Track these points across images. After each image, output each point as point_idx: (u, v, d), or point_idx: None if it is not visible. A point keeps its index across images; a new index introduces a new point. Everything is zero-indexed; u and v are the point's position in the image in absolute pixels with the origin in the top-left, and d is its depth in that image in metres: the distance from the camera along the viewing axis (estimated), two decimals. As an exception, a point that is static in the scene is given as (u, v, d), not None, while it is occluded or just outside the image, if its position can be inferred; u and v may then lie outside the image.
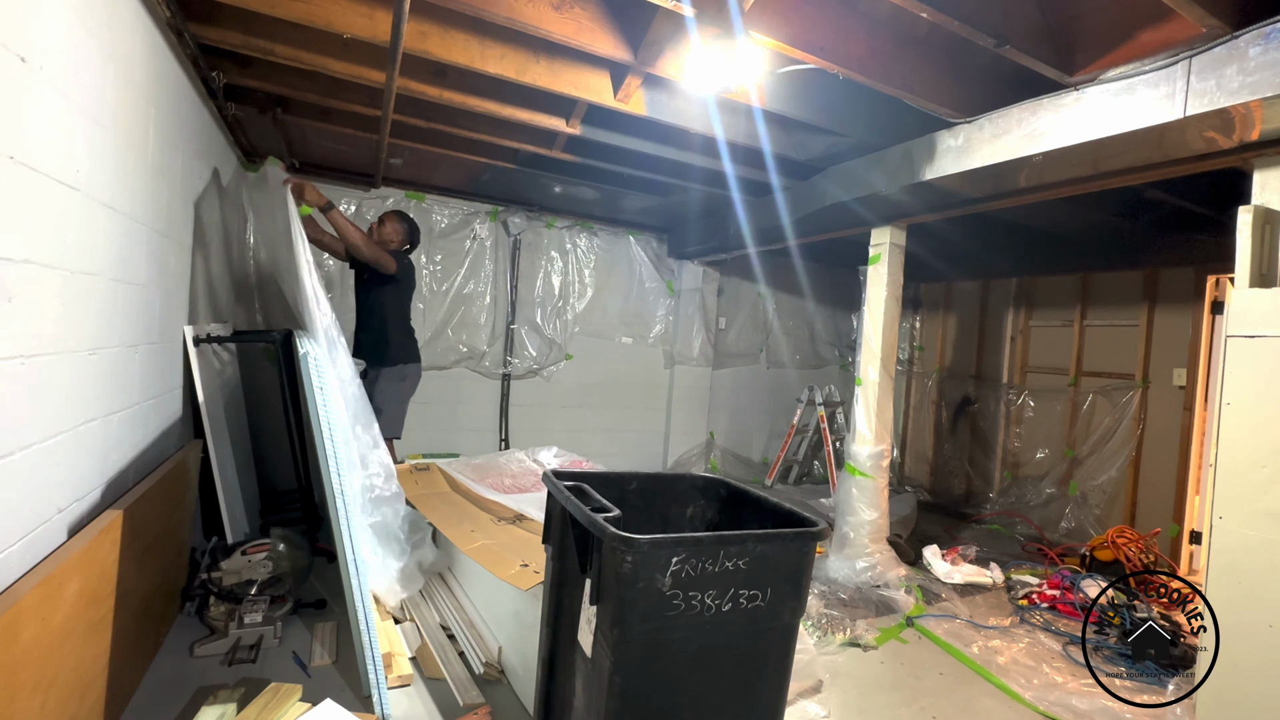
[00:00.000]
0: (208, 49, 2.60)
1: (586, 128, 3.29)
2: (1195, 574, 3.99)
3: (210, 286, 3.27)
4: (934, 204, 3.29)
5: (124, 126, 1.91)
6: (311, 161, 4.28)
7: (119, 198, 1.88)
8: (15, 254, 1.29)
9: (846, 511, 3.66)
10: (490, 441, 5.03)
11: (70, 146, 1.53)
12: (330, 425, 2.16)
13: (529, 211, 5.04)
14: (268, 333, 3.85)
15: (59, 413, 1.55)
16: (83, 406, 1.70)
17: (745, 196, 4.34)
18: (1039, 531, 4.62)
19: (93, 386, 1.76)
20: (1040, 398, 5.14)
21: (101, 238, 1.77)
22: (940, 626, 3.00)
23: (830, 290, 6.39)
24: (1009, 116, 2.59)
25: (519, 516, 2.78)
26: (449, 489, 3.26)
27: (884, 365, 3.68)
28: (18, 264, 1.30)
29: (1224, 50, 1.94)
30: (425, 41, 2.44)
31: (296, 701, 1.86)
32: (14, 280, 1.29)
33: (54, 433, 1.52)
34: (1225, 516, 2.05)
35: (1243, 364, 2.04)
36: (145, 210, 2.14)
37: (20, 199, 1.30)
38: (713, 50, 2.34)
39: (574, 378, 5.33)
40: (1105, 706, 2.34)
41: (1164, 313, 4.44)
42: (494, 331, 5.00)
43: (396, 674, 2.21)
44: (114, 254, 1.87)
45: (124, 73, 1.89)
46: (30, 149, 1.33)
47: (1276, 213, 2.09)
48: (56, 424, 1.54)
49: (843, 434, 5.32)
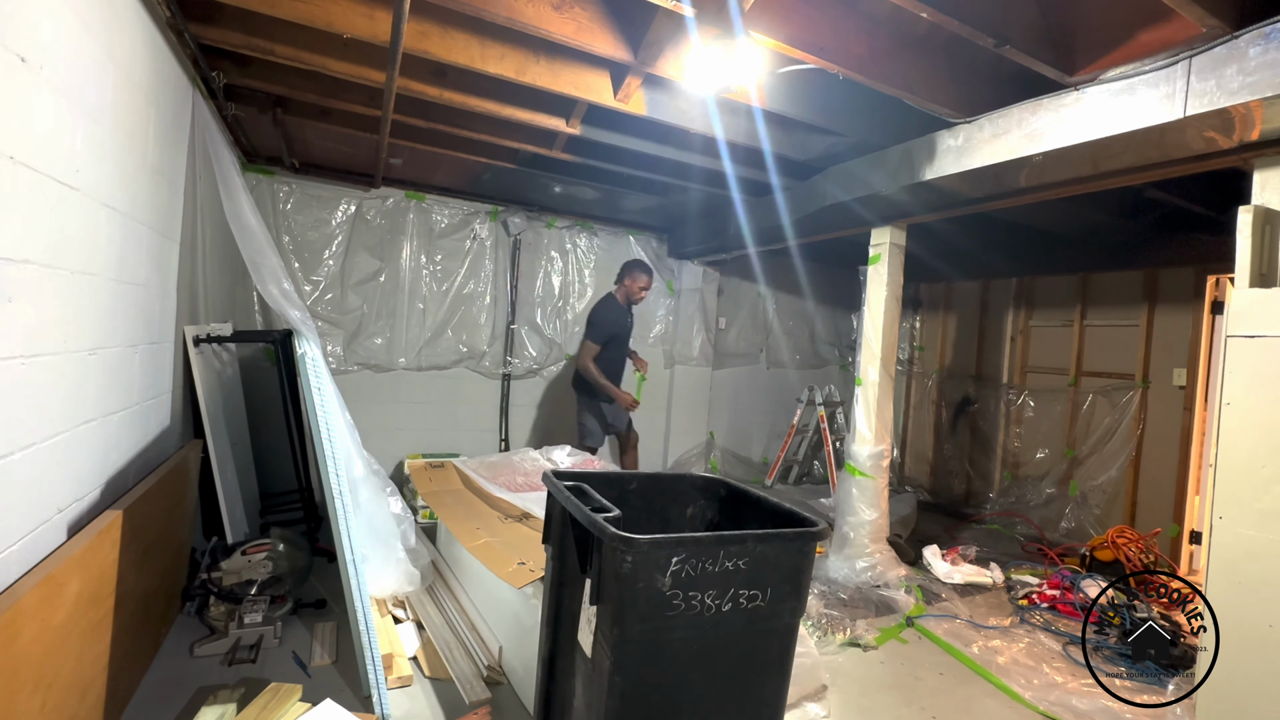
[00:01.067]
0: (208, 49, 2.60)
1: (586, 128, 3.29)
2: (1195, 574, 3.99)
3: (210, 286, 3.27)
4: (934, 204, 3.29)
5: (124, 126, 1.91)
6: (311, 161, 4.28)
7: (119, 197, 1.88)
8: (15, 254, 1.29)
9: (846, 511, 3.66)
10: (490, 442, 5.03)
11: (71, 146, 1.53)
12: (329, 425, 2.16)
13: (529, 211, 5.04)
14: (267, 333, 3.86)
15: (60, 413, 1.55)
16: (83, 406, 1.70)
17: (745, 196, 4.34)
18: (1039, 531, 4.62)
19: (93, 386, 1.76)
20: (1040, 398, 5.14)
21: (102, 238, 1.77)
22: (940, 626, 3.00)
23: (830, 290, 6.39)
24: (1009, 116, 2.59)
25: (525, 515, 2.78)
26: (462, 486, 3.26)
27: (884, 365, 3.68)
28: (18, 264, 1.30)
29: (1224, 50, 1.94)
30: (425, 41, 2.44)
31: (296, 701, 1.86)
32: (14, 280, 1.29)
33: (54, 433, 1.52)
34: (1225, 516, 2.05)
35: (1243, 364, 2.04)
36: (145, 210, 2.14)
37: (20, 199, 1.30)
38: (713, 50, 2.34)
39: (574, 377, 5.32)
40: (1105, 706, 2.34)
41: (1164, 313, 4.44)
42: (494, 331, 5.00)
43: (396, 674, 2.21)
44: (114, 254, 1.87)
45: (124, 72, 1.89)
46: (30, 148, 1.33)
47: (1276, 213, 2.09)
48: (57, 424, 1.54)
49: (843, 434, 5.32)
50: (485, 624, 2.47)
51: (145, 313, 2.20)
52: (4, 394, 1.28)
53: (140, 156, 2.06)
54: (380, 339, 4.61)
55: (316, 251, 4.40)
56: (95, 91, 1.68)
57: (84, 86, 1.60)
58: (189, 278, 2.86)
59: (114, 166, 1.83)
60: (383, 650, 2.18)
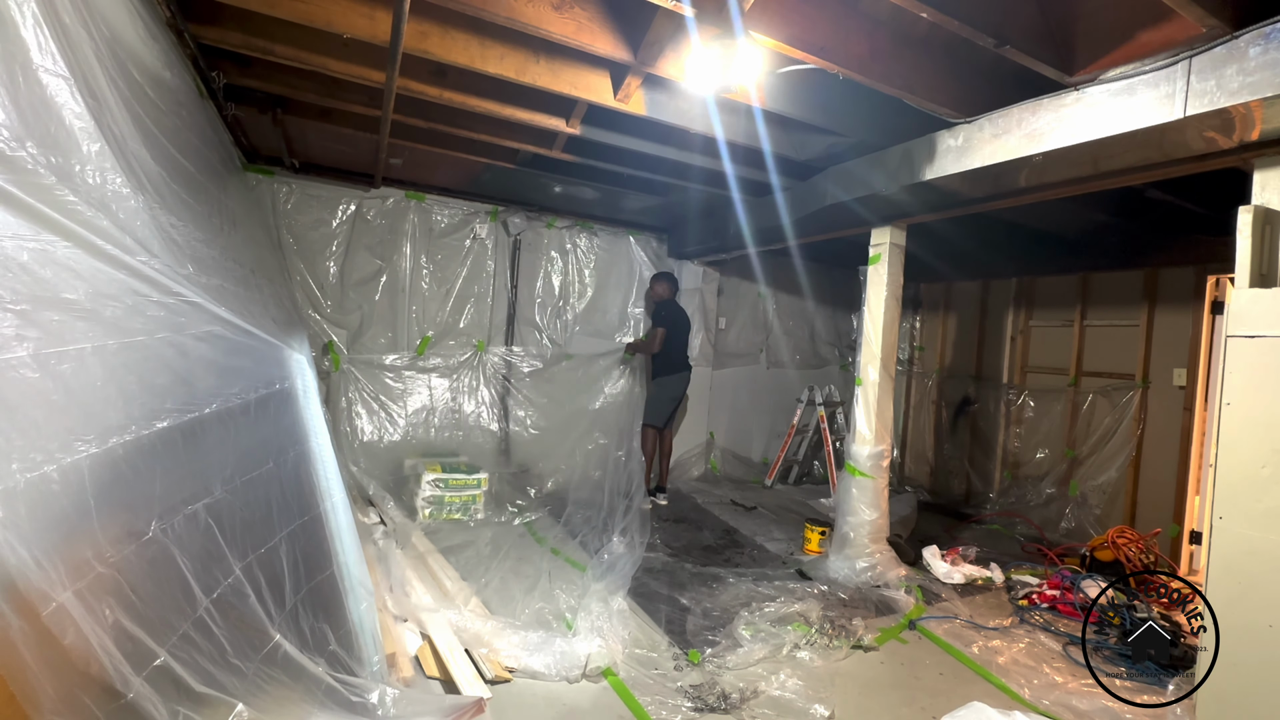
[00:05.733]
0: (208, 49, 2.60)
1: (586, 128, 3.30)
2: (1195, 574, 3.99)
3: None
4: (934, 204, 3.29)
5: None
6: (311, 161, 4.28)
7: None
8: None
9: (846, 511, 3.66)
10: (491, 441, 5.03)
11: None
12: (315, 425, 2.17)
13: (529, 211, 5.04)
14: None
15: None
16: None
17: (745, 196, 4.34)
18: (1039, 532, 4.62)
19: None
20: (1040, 398, 5.14)
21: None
22: (940, 627, 3.00)
23: (830, 290, 6.39)
24: (1009, 116, 2.59)
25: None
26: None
27: (884, 365, 3.68)
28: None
29: (1224, 50, 1.94)
30: (425, 41, 2.44)
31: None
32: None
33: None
34: (1225, 516, 2.05)
35: (1243, 364, 2.04)
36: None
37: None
38: (713, 50, 2.34)
39: (574, 378, 5.32)
40: (1105, 707, 2.34)
41: (1164, 313, 4.44)
42: (494, 331, 5.00)
43: (398, 674, 2.21)
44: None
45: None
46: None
47: (1276, 213, 2.09)
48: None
49: (843, 434, 5.32)
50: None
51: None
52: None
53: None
54: (382, 339, 4.61)
55: (317, 252, 4.40)
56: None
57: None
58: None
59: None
60: (387, 649, 2.18)
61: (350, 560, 2.05)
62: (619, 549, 3.40)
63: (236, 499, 1.56)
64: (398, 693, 1.83)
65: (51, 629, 0.93)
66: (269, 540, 1.66)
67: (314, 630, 1.71)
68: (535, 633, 2.41)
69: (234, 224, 2.80)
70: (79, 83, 1.22)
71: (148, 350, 1.31)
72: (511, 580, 3.12)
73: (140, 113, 1.67)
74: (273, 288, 3.12)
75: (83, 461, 1.06)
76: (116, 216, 1.24)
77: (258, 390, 1.84)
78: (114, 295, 1.20)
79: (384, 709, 1.82)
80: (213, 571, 1.39)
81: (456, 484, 4.04)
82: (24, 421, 0.97)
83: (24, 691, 0.87)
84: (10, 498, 0.90)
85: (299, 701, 1.54)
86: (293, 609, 1.66)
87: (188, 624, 1.25)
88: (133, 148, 1.48)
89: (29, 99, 1.07)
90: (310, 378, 2.28)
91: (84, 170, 1.19)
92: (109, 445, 1.14)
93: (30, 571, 0.91)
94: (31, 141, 1.03)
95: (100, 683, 1.00)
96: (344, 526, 2.08)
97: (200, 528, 1.38)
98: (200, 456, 1.47)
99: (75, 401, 1.08)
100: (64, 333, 1.07)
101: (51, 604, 0.94)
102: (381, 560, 2.88)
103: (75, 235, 1.09)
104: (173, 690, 1.15)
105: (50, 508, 0.98)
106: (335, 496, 2.11)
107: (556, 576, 3.18)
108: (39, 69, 1.11)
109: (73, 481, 1.04)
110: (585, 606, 2.66)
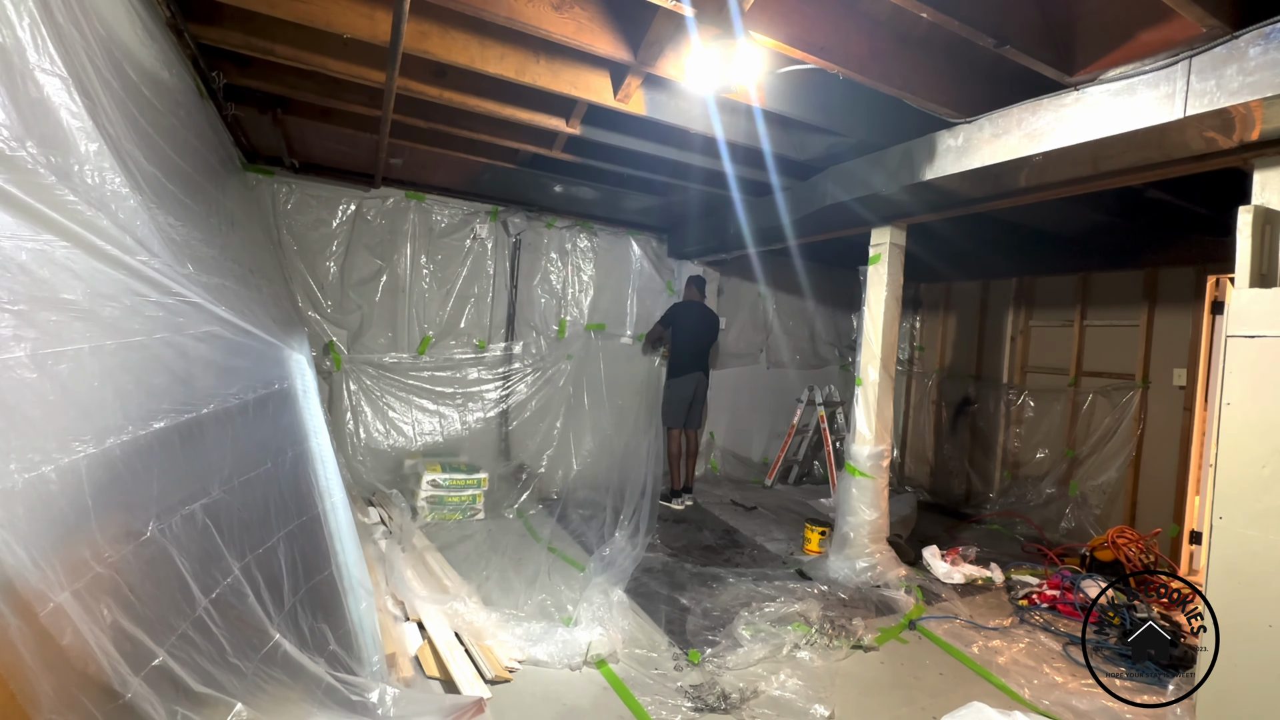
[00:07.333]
0: (208, 49, 2.60)
1: (586, 128, 3.29)
2: (1195, 574, 3.99)
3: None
4: (934, 204, 3.29)
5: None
6: (311, 161, 4.28)
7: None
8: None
9: (846, 511, 3.65)
10: (490, 440, 5.03)
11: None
12: (314, 425, 2.16)
13: (529, 211, 5.04)
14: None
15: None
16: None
17: (745, 196, 4.34)
18: (1039, 532, 4.62)
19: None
20: (1040, 398, 5.13)
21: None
22: (940, 627, 3.00)
23: (830, 290, 6.39)
24: (1009, 116, 2.59)
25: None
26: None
27: (884, 365, 3.68)
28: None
29: (1224, 50, 1.94)
30: (425, 41, 2.44)
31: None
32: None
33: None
34: (1225, 516, 2.04)
35: (1243, 364, 2.03)
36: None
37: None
38: (713, 50, 2.34)
39: (574, 378, 5.32)
40: (1105, 707, 2.34)
41: (1164, 313, 4.44)
42: (495, 331, 5.00)
43: (398, 674, 2.20)
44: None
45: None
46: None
47: (1276, 213, 2.09)
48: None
49: (843, 434, 5.32)
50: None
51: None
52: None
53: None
54: (382, 338, 4.61)
55: (317, 252, 4.40)
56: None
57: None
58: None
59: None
60: (387, 650, 2.18)
61: (350, 560, 2.05)
62: (620, 544, 3.42)
63: (235, 499, 1.56)
64: (397, 692, 1.83)
65: (50, 629, 0.93)
66: (267, 540, 1.66)
67: (313, 630, 1.70)
68: (538, 624, 2.50)
69: (232, 224, 2.80)
70: (75, 82, 1.21)
71: (146, 350, 1.31)
72: (512, 576, 3.14)
73: (135, 113, 1.66)
74: (272, 288, 3.12)
75: (80, 462, 1.06)
76: (116, 216, 1.23)
77: (256, 390, 1.84)
78: (112, 295, 1.20)
79: (384, 708, 1.82)
80: (211, 571, 1.39)
81: (456, 483, 4.04)
82: (22, 422, 0.97)
83: (23, 691, 0.87)
84: (8, 498, 0.90)
85: (298, 701, 1.54)
86: (291, 609, 1.66)
87: (186, 624, 1.25)
88: (128, 148, 1.48)
89: (27, 99, 1.07)
90: (310, 378, 2.27)
91: (82, 170, 1.19)
92: (106, 445, 1.14)
93: (28, 572, 0.91)
94: (31, 141, 1.03)
95: (98, 683, 1.00)
96: (343, 526, 2.08)
97: (198, 528, 1.38)
98: (198, 457, 1.47)
99: (73, 402, 1.08)
100: (62, 333, 1.07)
101: (49, 604, 0.94)
102: (382, 560, 2.88)
103: (75, 235, 1.09)
104: (171, 690, 1.15)
105: (48, 508, 0.98)
106: (335, 496, 2.11)
107: (556, 573, 3.21)
108: (35, 68, 1.11)
109: (70, 482, 1.03)
110: (586, 598, 2.73)
